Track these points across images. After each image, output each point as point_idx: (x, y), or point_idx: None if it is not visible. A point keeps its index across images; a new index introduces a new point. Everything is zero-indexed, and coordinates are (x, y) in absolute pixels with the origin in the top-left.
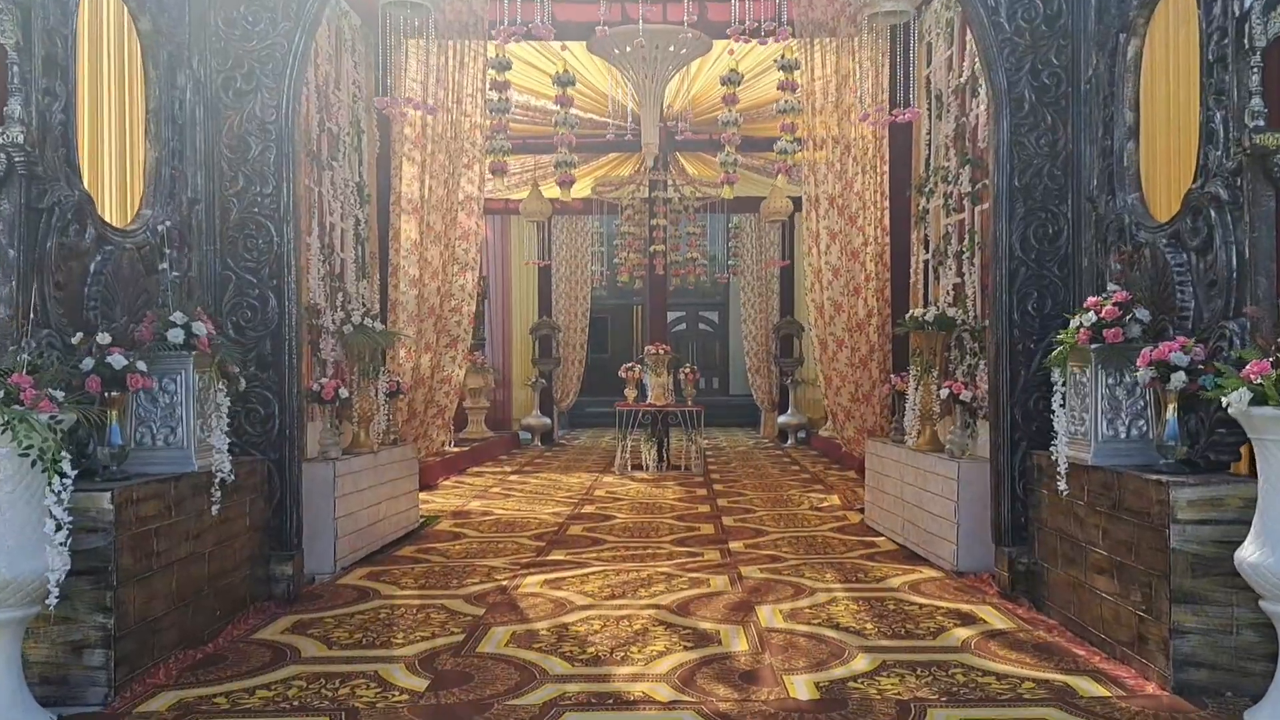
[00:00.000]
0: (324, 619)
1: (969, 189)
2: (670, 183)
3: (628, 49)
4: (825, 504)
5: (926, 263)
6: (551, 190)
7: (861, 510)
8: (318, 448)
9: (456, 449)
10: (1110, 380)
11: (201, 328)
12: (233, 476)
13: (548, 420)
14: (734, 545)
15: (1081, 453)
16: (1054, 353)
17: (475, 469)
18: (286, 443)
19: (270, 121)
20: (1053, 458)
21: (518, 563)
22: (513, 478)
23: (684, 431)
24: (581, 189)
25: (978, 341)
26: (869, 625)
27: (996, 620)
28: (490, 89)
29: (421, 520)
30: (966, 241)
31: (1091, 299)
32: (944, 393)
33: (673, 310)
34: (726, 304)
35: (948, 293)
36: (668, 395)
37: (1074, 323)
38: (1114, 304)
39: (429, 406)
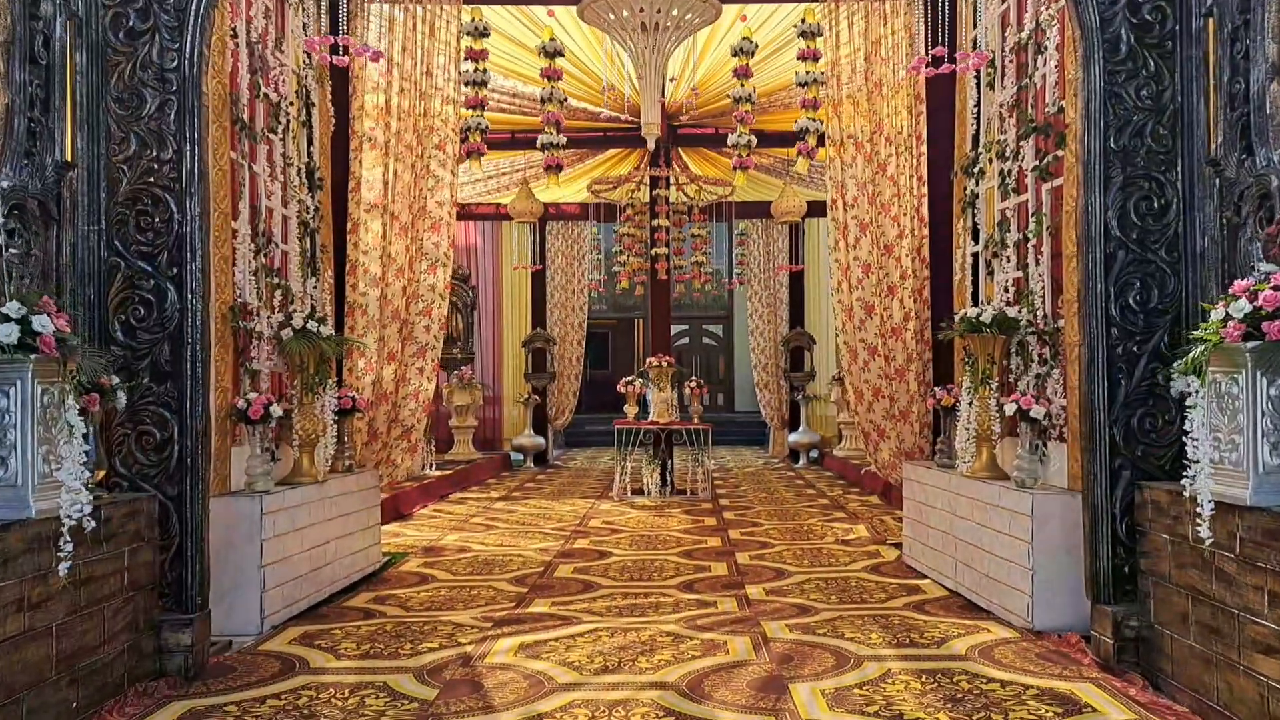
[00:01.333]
0: (225, 707)
1: (1035, 163)
2: (673, 180)
3: (625, 14)
4: (852, 537)
5: (975, 256)
6: (544, 192)
7: (897, 546)
8: (245, 478)
9: (439, 473)
10: (1273, 390)
11: (46, 323)
12: (94, 522)
13: (541, 440)
14: (752, 590)
15: (1234, 488)
16: (1190, 354)
17: (459, 495)
18: (188, 474)
19: (171, 69)
20: (1185, 494)
21: (490, 617)
22: (499, 505)
23: (689, 452)
24: (577, 192)
25: (1049, 346)
26: (943, 718)
27: (1108, 706)
28: (465, 58)
29: (385, 559)
30: (1032, 226)
31: (1240, 283)
32: (1010, 408)
33: (675, 323)
34: (731, 317)
35: (1004, 289)
36: (672, 412)
37: (1215, 314)
38: (1274, 288)
39: (393, 426)
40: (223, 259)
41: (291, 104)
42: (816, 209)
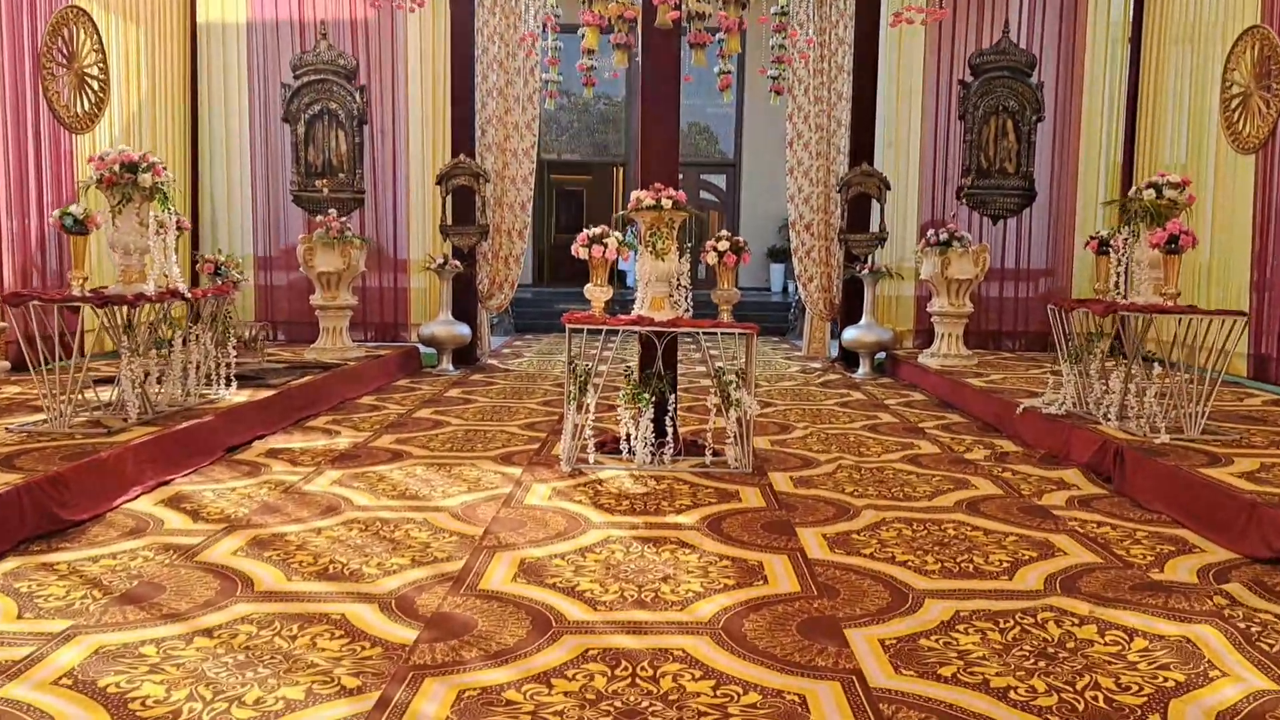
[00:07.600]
0: None
1: None
2: None
3: None
4: (1237, 699)
5: None
6: None
7: None
8: None
9: (242, 396)
10: None
11: None
12: None
13: (465, 330)
14: None
15: None
16: None
17: (275, 442)
18: None
19: None
20: None
21: None
22: (328, 475)
23: (700, 358)
24: None
25: None
26: None
27: None
28: None
29: None
30: None
31: None
32: None
33: None
34: (738, 165)
35: None
36: (678, 300)
37: None
38: None
39: None
40: None
41: None
42: None
